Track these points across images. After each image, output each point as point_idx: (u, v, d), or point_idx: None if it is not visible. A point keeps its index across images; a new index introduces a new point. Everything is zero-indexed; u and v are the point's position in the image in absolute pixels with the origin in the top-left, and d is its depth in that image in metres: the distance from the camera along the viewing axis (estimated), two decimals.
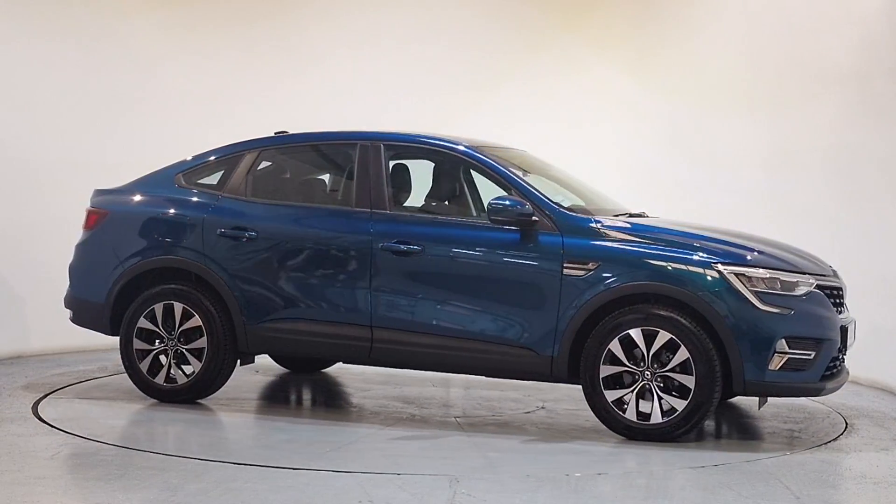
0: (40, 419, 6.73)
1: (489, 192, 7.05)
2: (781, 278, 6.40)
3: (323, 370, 8.76)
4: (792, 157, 9.51)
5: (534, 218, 6.61)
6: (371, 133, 7.25)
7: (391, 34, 10.87)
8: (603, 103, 10.96)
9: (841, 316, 6.64)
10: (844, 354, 6.72)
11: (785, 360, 6.29)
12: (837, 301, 6.68)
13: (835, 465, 6.13)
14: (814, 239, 8.75)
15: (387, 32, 10.86)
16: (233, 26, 10.39)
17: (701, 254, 6.43)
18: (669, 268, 6.40)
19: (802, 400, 7.71)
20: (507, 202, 6.60)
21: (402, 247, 6.77)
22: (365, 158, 7.07)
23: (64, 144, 9.54)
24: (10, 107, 9.32)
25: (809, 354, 6.34)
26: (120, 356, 7.40)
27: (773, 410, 7.47)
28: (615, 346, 6.41)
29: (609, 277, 6.45)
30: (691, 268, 6.39)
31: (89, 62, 9.73)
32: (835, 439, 6.73)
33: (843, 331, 6.57)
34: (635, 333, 6.38)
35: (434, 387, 8.26)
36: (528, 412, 7.36)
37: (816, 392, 6.50)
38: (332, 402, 7.93)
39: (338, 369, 8.76)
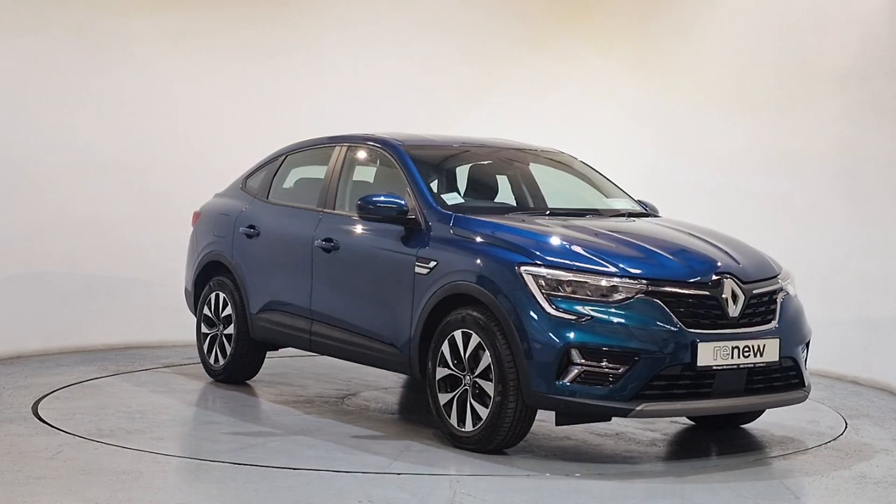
0: (40, 419, 6.73)
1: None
2: (587, 281, 5.80)
3: None
4: (792, 157, 9.51)
5: (409, 216, 6.55)
6: (343, 136, 7.62)
7: (392, 34, 10.86)
8: (603, 103, 10.96)
9: (701, 329, 5.80)
10: (698, 372, 5.77)
11: (580, 372, 5.68)
12: (700, 311, 5.85)
13: (835, 465, 6.12)
14: (814, 238, 8.78)
15: (387, 33, 10.85)
16: (234, 27, 10.36)
17: (510, 253, 5.99)
18: (479, 268, 6.06)
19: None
20: (373, 199, 6.56)
21: (326, 244, 7.04)
22: (335, 160, 7.39)
23: (64, 144, 9.52)
24: (10, 107, 9.31)
25: (615, 368, 5.67)
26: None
27: (773, 410, 7.44)
28: (445, 348, 6.15)
29: (441, 277, 6.25)
30: (495, 268, 5.99)
31: (90, 62, 9.71)
32: (835, 439, 6.73)
33: (693, 346, 5.73)
34: (458, 336, 6.09)
35: None
36: None
37: (623, 413, 5.69)
38: (347, 401, 7.93)
39: None
